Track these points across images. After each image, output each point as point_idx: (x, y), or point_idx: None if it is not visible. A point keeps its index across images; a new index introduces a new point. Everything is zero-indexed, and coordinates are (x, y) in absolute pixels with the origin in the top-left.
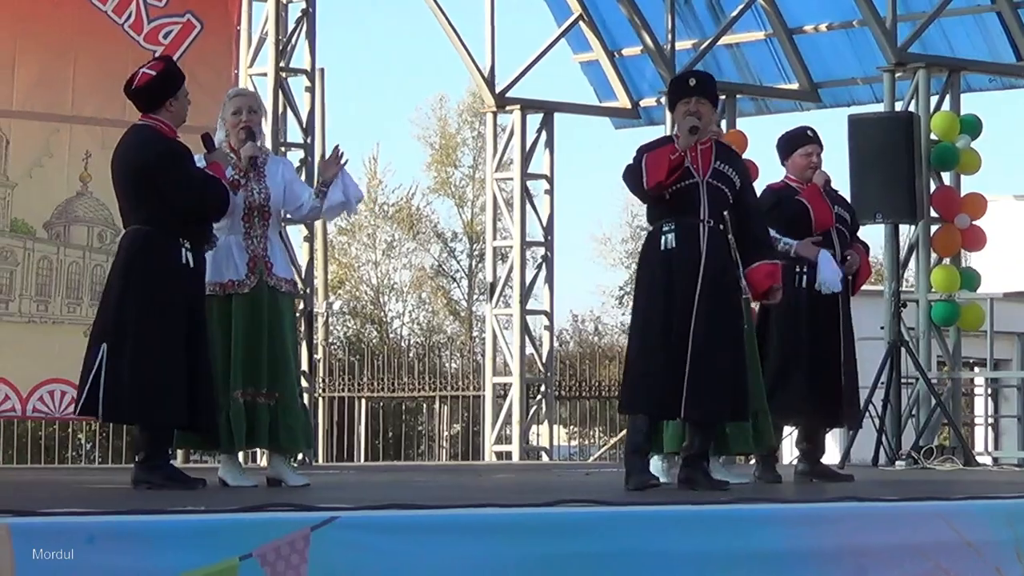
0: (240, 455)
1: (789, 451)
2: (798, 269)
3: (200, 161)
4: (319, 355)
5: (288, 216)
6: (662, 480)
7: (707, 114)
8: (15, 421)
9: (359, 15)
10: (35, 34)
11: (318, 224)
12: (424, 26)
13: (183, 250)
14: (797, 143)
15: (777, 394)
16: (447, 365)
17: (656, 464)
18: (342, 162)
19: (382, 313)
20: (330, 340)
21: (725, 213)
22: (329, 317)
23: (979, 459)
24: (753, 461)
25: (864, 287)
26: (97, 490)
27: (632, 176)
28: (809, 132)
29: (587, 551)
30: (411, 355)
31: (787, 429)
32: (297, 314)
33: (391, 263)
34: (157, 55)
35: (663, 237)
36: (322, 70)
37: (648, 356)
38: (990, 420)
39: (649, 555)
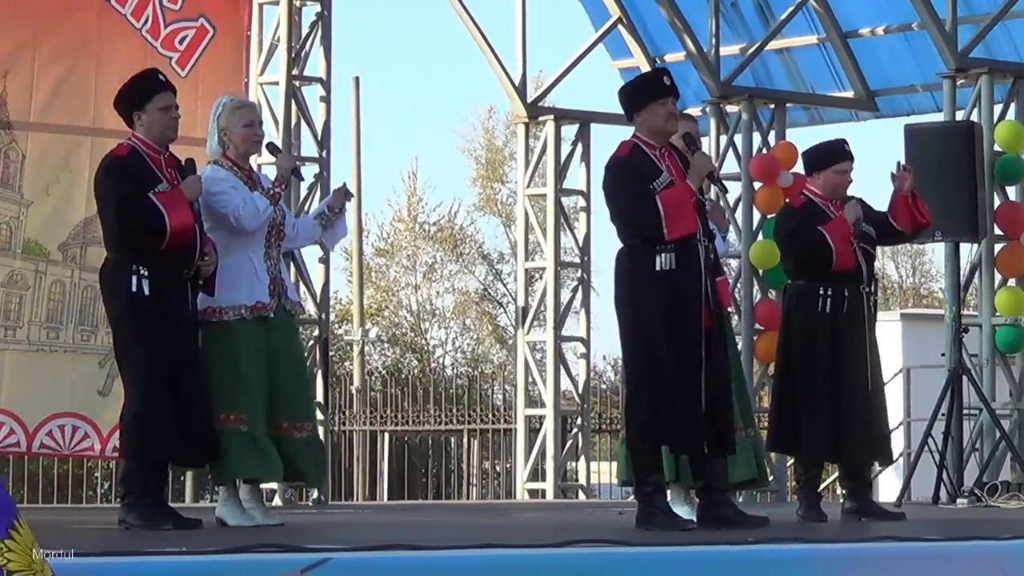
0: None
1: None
2: (821, 291)
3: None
4: (356, 386)
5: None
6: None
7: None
8: (26, 457)
9: (397, 22)
10: (55, 39)
11: (354, 246)
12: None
13: (134, 277)
14: (834, 158)
15: (805, 432)
16: (487, 396)
17: (682, 508)
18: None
19: (423, 341)
20: (366, 370)
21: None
22: (365, 345)
23: None
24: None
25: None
26: (83, 531)
27: (639, 212)
28: (846, 147)
29: None
30: (443, 386)
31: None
32: (312, 341)
33: (432, 287)
34: (173, 61)
35: (658, 257)
36: (356, 79)
37: (666, 384)
38: None
39: None
